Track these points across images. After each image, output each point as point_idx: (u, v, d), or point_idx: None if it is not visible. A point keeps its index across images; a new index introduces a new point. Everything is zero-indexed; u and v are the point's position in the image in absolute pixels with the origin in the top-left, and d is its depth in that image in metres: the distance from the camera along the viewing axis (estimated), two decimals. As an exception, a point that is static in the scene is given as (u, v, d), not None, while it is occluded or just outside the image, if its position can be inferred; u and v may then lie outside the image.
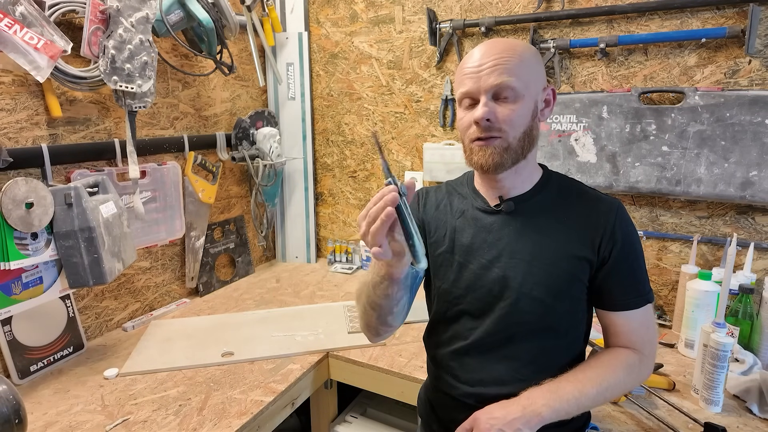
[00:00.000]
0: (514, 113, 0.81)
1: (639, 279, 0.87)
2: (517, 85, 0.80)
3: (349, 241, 2.07)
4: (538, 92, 0.85)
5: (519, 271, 0.86)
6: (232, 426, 1.03)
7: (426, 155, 1.78)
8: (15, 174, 1.18)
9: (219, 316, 1.57)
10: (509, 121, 0.82)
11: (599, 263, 0.86)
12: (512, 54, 0.81)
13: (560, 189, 0.91)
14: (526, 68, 0.82)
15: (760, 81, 1.30)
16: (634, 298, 0.87)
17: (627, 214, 0.88)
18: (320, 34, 1.96)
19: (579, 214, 0.87)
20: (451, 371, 0.94)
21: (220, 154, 1.78)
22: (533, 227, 0.88)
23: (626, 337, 0.88)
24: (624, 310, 0.87)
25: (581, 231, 0.86)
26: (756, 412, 1.05)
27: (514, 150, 0.83)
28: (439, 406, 0.97)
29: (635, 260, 0.87)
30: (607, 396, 0.85)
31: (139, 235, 1.48)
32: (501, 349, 0.88)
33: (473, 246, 0.90)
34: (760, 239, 1.35)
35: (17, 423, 0.89)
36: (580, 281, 0.86)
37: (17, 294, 1.15)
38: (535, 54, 0.87)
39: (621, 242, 0.85)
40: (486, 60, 0.81)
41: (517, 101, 0.81)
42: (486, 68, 0.81)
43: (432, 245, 0.95)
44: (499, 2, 1.59)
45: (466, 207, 0.94)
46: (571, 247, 0.85)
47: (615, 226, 0.85)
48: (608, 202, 0.89)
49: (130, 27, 1.24)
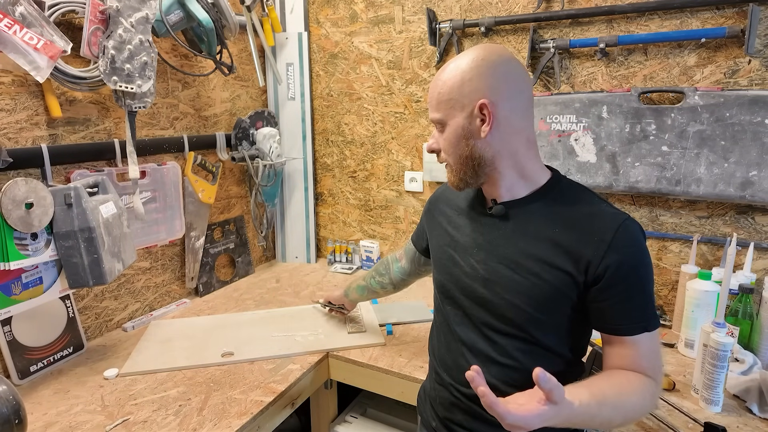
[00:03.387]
0: (445, 141, 0.87)
1: (638, 305, 0.80)
2: (441, 116, 0.86)
3: (349, 241, 2.07)
4: (466, 115, 0.82)
5: (501, 276, 0.85)
6: (232, 426, 1.03)
7: (426, 155, 1.78)
8: (15, 174, 1.18)
9: (219, 316, 1.57)
10: (445, 149, 0.87)
11: (590, 283, 0.80)
12: (442, 87, 0.85)
13: (564, 198, 0.86)
14: (448, 96, 0.84)
15: (760, 81, 1.30)
16: (630, 324, 0.79)
17: (632, 233, 0.79)
18: (320, 34, 1.96)
19: (575, 228, 0.82)
20: (447, 370, 0.95)
21: (219, 154, 1.78)
22: (522, 234, 0.85)
23: (632, 362, 0.80)
24: (615, 335, 0.81)
25: (572, 245, 0.80)
26: (756, 412, 1.05)
27: (465, 171, 0.87)
28: (437, 404, 0.98)
29: (635, 284, 0.79)
30: (629, 421, 0.80)
31: (139, 236, 1.48)
32: (490, 353, 0.88)
33: (466, 245, 0.92)
34: (759, 239, 1.35)
35: (17, 423, 0.89)
36: (565, 296, 0.81)
37: (17, 294, 1.15)
38: (467, 71, 0.82)
39: (616, 265, 0.77)
40: (432, 93, 0.87)
41: (443, 130, 0.87)
42: (431, 102, 0.88)
43: (435, 237, 1.02)
44: (498, 2, 1.59)
45: (465, 205, 0.97)
46: (558, 260, 0.81)
47: (610, 247, 0.78)
48: (611, 220, 0.80)
49: (129, 27, 1.24)
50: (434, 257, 1.01)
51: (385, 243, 2.01)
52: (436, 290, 1.00)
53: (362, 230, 2.06)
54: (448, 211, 1.00)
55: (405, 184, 1.91)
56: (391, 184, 1.95)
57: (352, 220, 2.08)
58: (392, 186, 1.95)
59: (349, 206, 2.07)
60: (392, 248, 2.00)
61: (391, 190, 1.96)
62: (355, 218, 2.07)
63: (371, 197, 2.01)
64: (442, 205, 1.03)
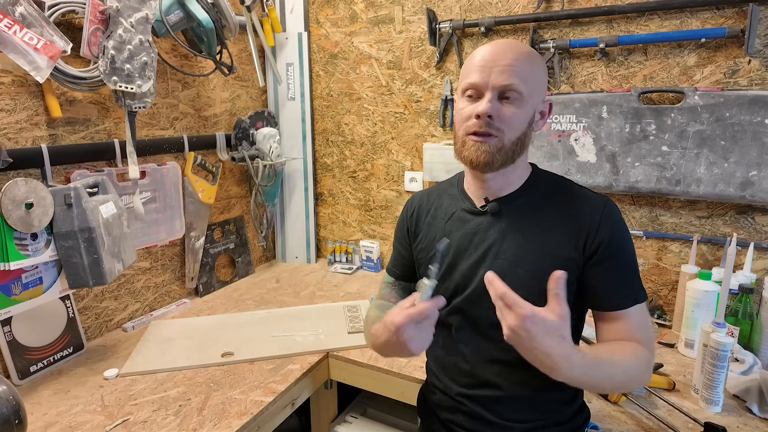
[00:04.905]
0: (515, 116, 0.82)
1: (628, 278, 0.85)
2: (524, 90, 0.81)
3: (349, 242, 2.07)
4: (538, 102, 0.86)
5: (503, 271, 0.85)
6: (232, 426, 1.03)
7: (426, 155, 1.78)
8: (15, 174, 1.18)
9: (219, 316, 1.57)
10: (509, 123, 0.82)
11: (585, 262, 0.85)
12: (525, 60, 0.82)
13: (547, 189, 0.91)
14: (534, 77, 0.84)
15: (760, 81, 1.30)
16: (622, 298, 0.85)
17: (616, 212, 0.87)
18: (320, 35, 1.96)
19: (564, 214, 0.87)
20: (446, 372, 0.94)
21: (219, 154, 1.78)
22: (517, 228, 0.88)
23: (627, 335, 0.86)
24: (612, 309, 0.85)
25: (565, 231, 0.85)
26: (756, 412, 1.05)
27: (506, 152, 0.84)
28: (438, 407, 0.97)
29: (623, 259, 0.85)
30: (628, 382, 0.82)
31: (138, 236, 1.48)
32: (491, 351, 0.88)
33: (461, 247, 0.91)
34: (759, 239, 1.35)
35: (17, 423, 0.89)
36: (565, 281, 0.84)
37: (17, 294, 1.15)
38: (543, 66, 0.88)
39: (607, 241, 0.83)
40: (500, 58, 0.82)
41: (520, 105, 0.82)
42: (499, 66, 0.81)
43: (424, 249, 0.98)
44: (498, 2, 1.59)
45: (454, 209, 0.95)
46: (556, 248, 0.85)
47: (600, 225, 0.84)
48: (595, 200, 0.87)
49: (129, 27, 1.24)
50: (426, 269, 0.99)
51: (385, 243, 2.01)
52: None
53: (362, 230, 2.06)
54: (431, 220, 0.98)
55: (405, 184, 1.91)
56: (391, 184, 1.95)
57: (352, 220, 2.08)
58: (392, 186, 1.95)
59: (349, 206, 2.08)
60: (392, 248, 1.99)
61: (391, 190, 1.96)
62: (355, 218, 2.07)
63: (371, 197, 2.01)
64: (424, 216, 1.00)
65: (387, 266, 1.11)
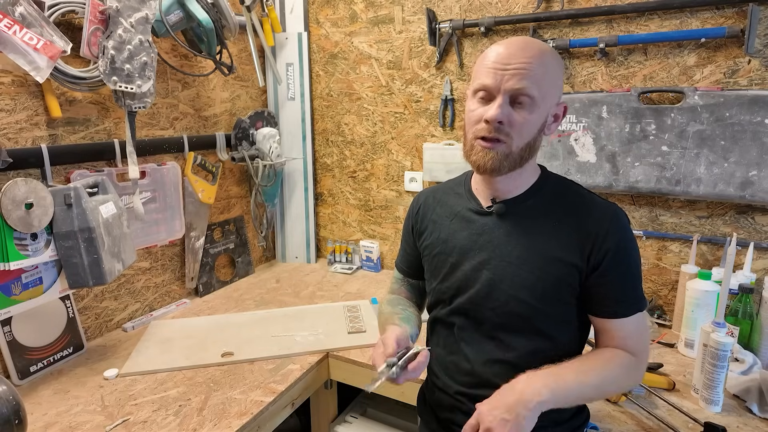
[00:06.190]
0: (526, 122, 0.80)
1: (631, 287, 0.85)
2: (536, 95, 0.79)
3: (349, 242, 2.07)
4: (552, 106, 0.84)
5: (507, 273, 0.86)
6: (232, 426, 1.03)
7: (426, 155, 1.78)
8: (15, 174, 1.18)
9: (219, 316, 1.57)
10: (519, 129, 0.80)
11: (590, 270, 0.83)
12: (540, 62, 0.79)
13: (556, 192, 0.90)
14: (548, 80, 0.81)
15: (760, 81, 1.30)
16: (626, 307, 0.84)
17: (624, 220, 0.85)
18: (320, 35, 1.96)
19: (571, 219, 0.85)
20: (446, 370, 0.94)
21: (219, 154, 1.78)
22: (523, 230, 0.87)
23: (620, 342, 0.86)
24: (614, 318, 0.85)
25: (572, 236, 0.84)
26: (756, 411, 1.05)
27: (514, 158, 0.83)
28: (437, 406, 0.97)
29: (628, 268, 0.84)
30: (605, 391, 0.85)
31: (138, 236, 1.48)
32: (493, 351, 0.88)
33: (465, 247, 0.91)
34: (759, 239, 1.35)
35: (17, 423, 0.89)
36: (569, 286, 0.84)
37: (17, 294, 1.15)
38: (560, 66, 0.85)
39: (613, 250, 0.82)
40: (514, 60, 0.79)
41: (532, 110, 0.80)
42: (512, 68, 0.78)
43: (428, 247, 0.98)
44: (498, 2, 1.59)
45: (460, 208, 0.95)
46: (560, 252, 0.84)
47: (608, 234, 0.82)
48: (603, 208, 0.86)
49: (129, 27, 1.24)
50: (430, 268, 0.98)
51: (385, 243, 2.01)
52: (434, 298, 0.98)
53: (362, 230, 2.06)
54: (437, 219, 0.98)
55: (405, 184, 1.91)
56: (391, 184, 1.95)
57: (352, 220, 2.08)
58: (392, 186, 1.95)
59: (349, 206, 2.07)
60: (392, 248, 2.00)
61: (391, 190, 1.96)
62: (355, 218, 2.07)
63: (371, 197, 2.01)
64: (429, 214, 1.00)
65: (396, 261, 1.12)
